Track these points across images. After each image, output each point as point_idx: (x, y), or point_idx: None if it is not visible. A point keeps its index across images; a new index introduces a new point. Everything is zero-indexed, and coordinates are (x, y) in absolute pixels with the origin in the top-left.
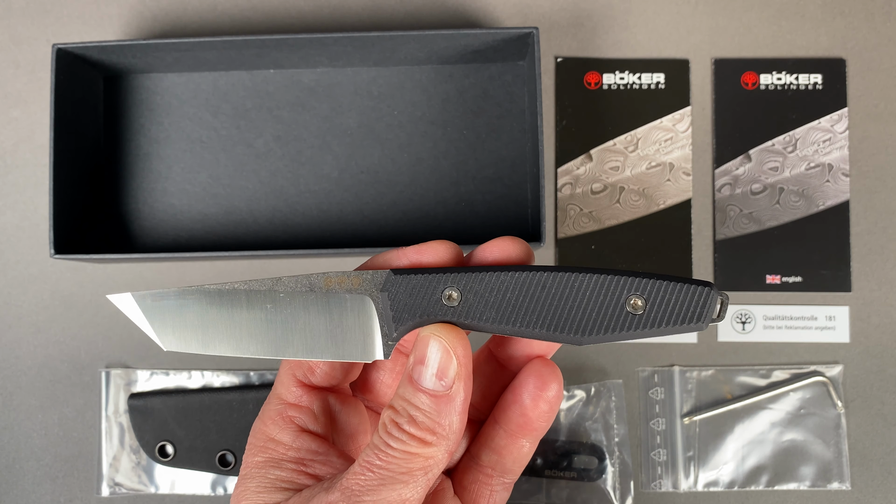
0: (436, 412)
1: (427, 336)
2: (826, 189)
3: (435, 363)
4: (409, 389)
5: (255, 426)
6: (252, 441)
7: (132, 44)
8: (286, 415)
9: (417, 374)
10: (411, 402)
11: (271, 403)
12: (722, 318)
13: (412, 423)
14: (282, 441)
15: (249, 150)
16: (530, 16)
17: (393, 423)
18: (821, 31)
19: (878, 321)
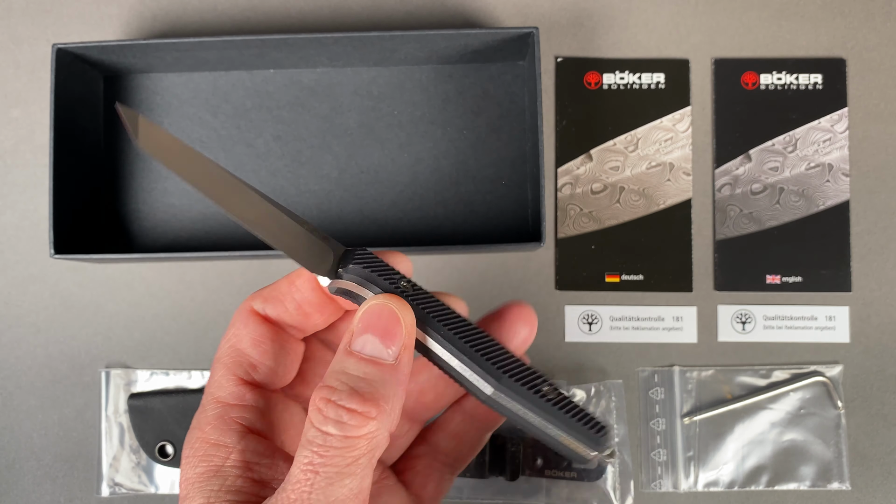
0: (380, 381)
1: (377, 303)
2: (826, 189)
3: (383, 329)
4: (349, 361)
5: (191, 436)
6: (188, 453)
7: (132, 44)
8: (227, 417)
9: (361, 343)
10: (351, 374)
11: (207, 410)
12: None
13: (353, 394)
14: (225, 444)
15: (249, 150)
16: (530, 16)
17: (329, 403)
18: (821, 30)
19: (879, 321)
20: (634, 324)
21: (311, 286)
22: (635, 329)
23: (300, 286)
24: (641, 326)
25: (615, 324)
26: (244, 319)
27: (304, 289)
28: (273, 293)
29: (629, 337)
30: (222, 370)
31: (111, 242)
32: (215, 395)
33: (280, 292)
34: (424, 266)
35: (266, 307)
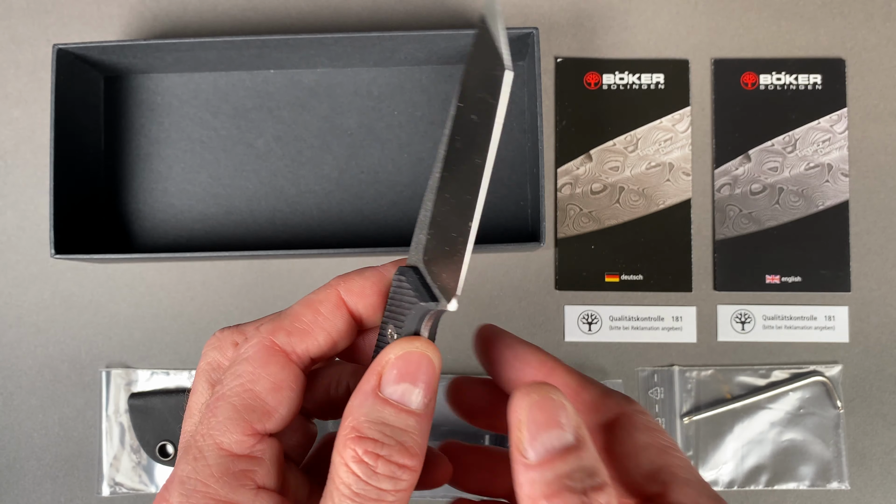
0: (419, 433)
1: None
2: (825, 189)
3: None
4: (388, 411)
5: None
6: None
7: (132, 44)
8: (235, 470)
9: (399, 392)
10: (394, 426)
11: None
12: None
13: (402, 450)
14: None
15: (249, 150)
16: (530, 16)
17: (377, 458)
18: (820, 31)
19: (878, 321)
20: (634, 324)
21: (342, 313)
22: (635, 329)
23: (328, 314)
24: (641, 326)
25: (615, 324)
26: (264, 357)
27: (335, 317)
28: (298, 325)
29: (629, 337)
30: (229, 412)
31: (111, 242)
32: (218, 441)
33: (306, 324)
34: None
35: (293, 343)
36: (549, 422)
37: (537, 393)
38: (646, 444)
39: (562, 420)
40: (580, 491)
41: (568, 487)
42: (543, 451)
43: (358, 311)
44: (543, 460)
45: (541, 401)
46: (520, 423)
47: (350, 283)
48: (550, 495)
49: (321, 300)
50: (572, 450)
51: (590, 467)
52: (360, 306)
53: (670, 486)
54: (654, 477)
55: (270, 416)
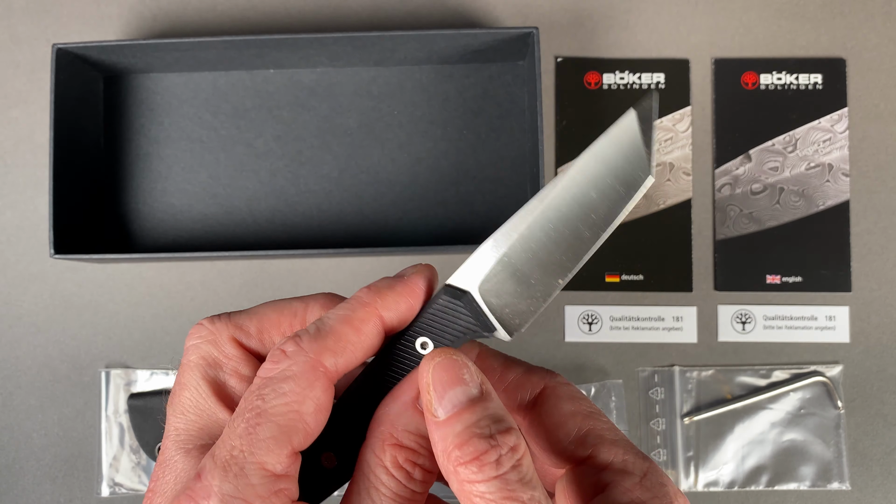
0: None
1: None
2: (826, 189)
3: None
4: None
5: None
6: None
7: (132, 44)
8: (278, 489)
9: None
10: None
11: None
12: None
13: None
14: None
15: (249, 149)
16: (530, 16)
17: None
18: (821, 31)
19: (878, 321)
20: (634, 324)
21: (380, 331)
22: (635, 329)
23: (370, 333)
24: (641, 326)
25: (615, 324)
26: (310, 378)
27: (374, 336)
28: (343, 346)
29: (629, 337)
30: (275, 431)
31: (111, 242)
32: (262, 461)
33: (352, 345)
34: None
35: (338, 364)
36: (453, 379)
37: (440, 356)
38: (571, 412)
39: (465, 377)
40: (488, 436)
41: (476, 434)
42: (451, 406)
43: (391, 325)
44: (452, 415)
45: (444, 362)
46: (427, 386)
47: (386, 300)
48: (461, 444)
49: (363, 319)
50: (477, 401)
51: (495, 414)
52: (394, 322)
53: (598, 447)
54: (583, 441)
55: (310, 437)
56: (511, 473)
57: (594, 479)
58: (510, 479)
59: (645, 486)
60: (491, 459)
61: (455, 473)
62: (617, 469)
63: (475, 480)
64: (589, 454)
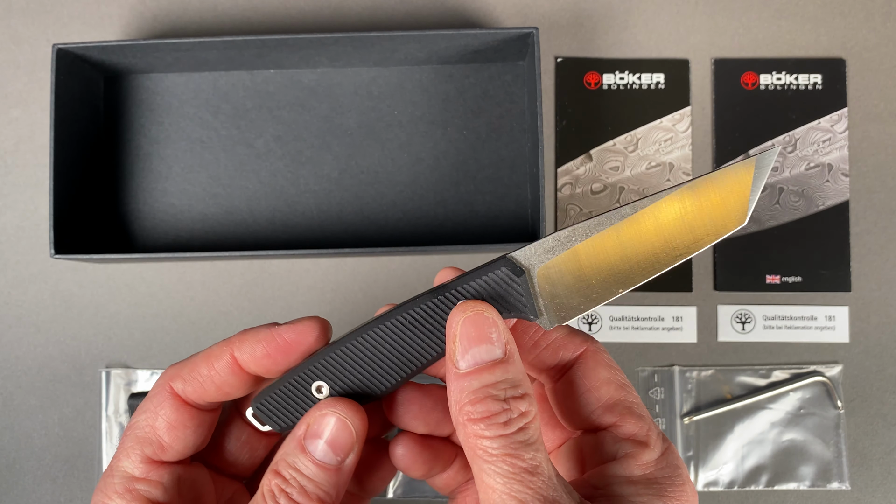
0: (325, 483)
1: (328, 413)
2: (826, 189)
3: (332, 439)
4: (300, 459)
5: (97, 500)
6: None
7: (132, 44)
8: (132, 488)
9: (312, 446)
10: (302, 472)
11: (114, 477)
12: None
13: (302, 493)
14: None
15: (249, 150)
16: (530, 16)
17: (281, 492)
18: (820, 31)
19: (878, 321)
20: (634, 324)
21: (233, 371)
22: (635, 329)
23: (219, 369)
24: (641, 326)
25: (615, 324)
26: (161, 399)
27: (223, 371)
28: (192, 373)
29: (629, 337)
30: (132, 443)
31: (111, 242)
32: (122, 466)
33: (199, 373)
34: (424, 266)
35: (186, 388)
36: (480, 336)
37: (472, 309)
38: (607, 379)
39: (492, 335)
40: (502, 399)
41: (492, 396)
42: (473, 362)
43: (248, 367)
44: (472, 371)
45: (474, 317)
46: (454, 336)
47: (242, 342)
48: (475, 402)
49: (216, 356)
50: (499, 363)
51: (514, 379)
52: (249, 362)
53: (625, 418)
54: (612, 409)
55: (165, 450)
56: (517, 435)
57: (613, 447)
58: (515, 439)
59: (661, 464)
60: (500, 420)
61: (463, 426)
62: (639, 441)
63: (482, 436)
64: (614, 422)
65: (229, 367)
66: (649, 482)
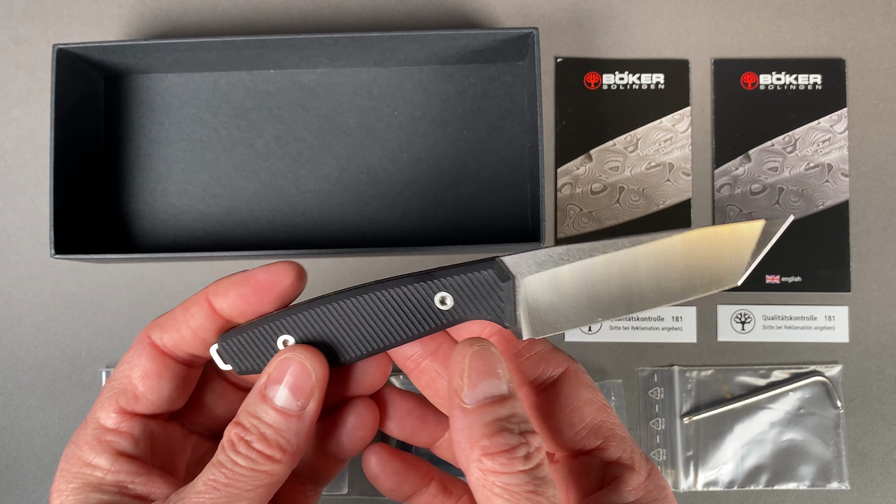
0: (286, 430)
1: (289, 357)
2: (825, 189)
3: (292, 383)
4: (261, 406)
5: (69, 451)
6: (64, 467)
7: (133, 44)
8: (104, 439)
9: (272, 392)
10: (262, 420)
11: (87, 427)
12: None
13: (262, 439)
14: (99, 465)
15: (250, 150)
16: (530, 16)
17: (241, 440)
18: (820, 31)
19: (878, 321)
20: (634, 324)
21: (205, 311)
22: (635, 329)
23: (194, 313)
24: (641, 326)
25: (615, 324)
26: (139, 349)
27: (199, 315)
28: (169, 321)
29: (629, 337)
30: (108, 394)
31: (111, 242)
32: (96, 416)
33: (176, 320)
34: (424, 266)
35: (164, 336)
36: (488, 371)
37: (479, 345)
38: (589, 400)
39: (499, 371)
40: (518, 433)
41: (507, 429)
42: (482, 396)
43: (223, 310)
44: (481, 406)
45: (482, 352)
46: (462, 371)
47: (217, 286)
48: (491, 435)
49: (193, 301)
50: (507, 398)
51: (522, 415)
52: (224, 305)
53: (609, 441)
54: (595, 432)
55: (139, 400)
56: (537, 470)
57: (600, 472)
58: (536, 475)
59: (649, 486)
60: (520, 455)
61: (478, 461)
62: (625, 465)
63: (501, 472)
64: (598, 445)
65: (204, 311)
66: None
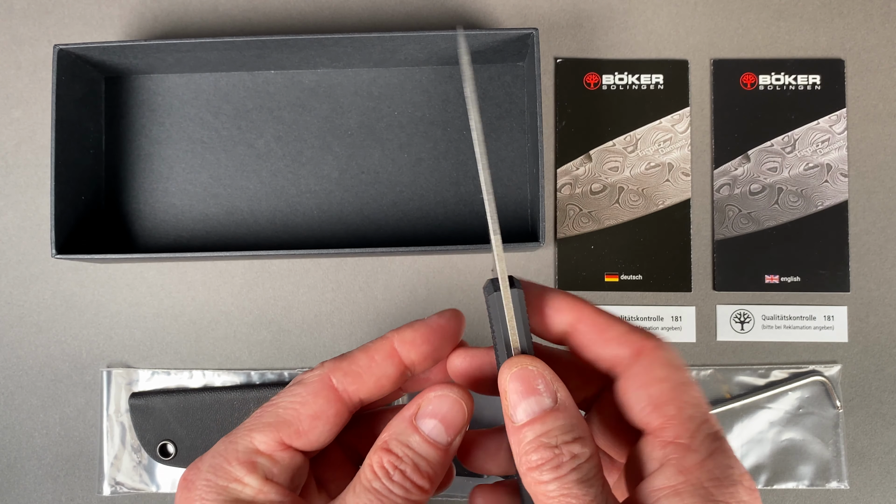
0: (435, 462)
1: (446, 395)
2: (825, 189)
3: (447, 419)
4: (413, 437)
5: (215, 463)
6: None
7: (133, 44)
8: (255, 461)
9: (427, 425)
10: (414, 450)
11: (238, 444)
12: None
13: (416, 470)
14: (249, 484)
15: (250, 150)
16: (530, 16)
17: (395, 469)
18: (819, 31)
19: (877, 321)
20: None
21: (392, 362)
22: None
23: (380, 361)
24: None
25: None
26: (317, 389)
27: (386, 364)
28: (353, 368)
29: None
30: (270, 419)
31: (112, 242)
32: (251, 438)
33: (361, 367)
34: (425, 266)
35: (346, 383)
36: (528, 389)
37: (517, 365)
38: (661, 378)
39: (539, 387)
40: (554, 445)
41: (544, 444)
42: (524, 414)
43: (409, 360)
44: (526, 422)
45: (520, 372)
46: (505, 393)
47: (402, 333)
48: (530, 451)
49: (377, 348)
50: (550, 412)
51: (565, 425)
52: (411, 355)
53: (671, 420)
54: (660, 410)
55: (300, 436)
56: (570, 475)
57: (656, 454)
58: (569, 479)
59: (707, 466)
60: (553, 465)
61: (525, 475)
62: (681, 444)
63: (540, 482)
64: (659, 424)
65: (388, 356)
66: (694, 488)
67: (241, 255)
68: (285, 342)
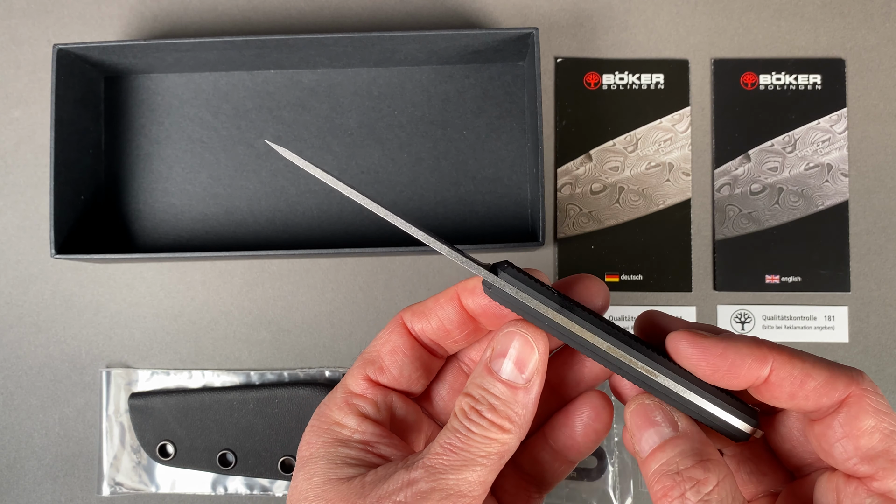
0: (513, 402)
1: (512, 331)
2: (825, 189)
3: (516, 356)
4: (487, 379)
5: (320, 411)
6: (315, 423)
7: (133, 44)
8: (351, 402)
9: (497, 366)
10: (490, 391)
11: (337, 392)
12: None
13: (492, 410)
14: (347, 424)
15: (250, 150)
16: (530, 16)
17: (473, 410)
18: (820, 31)
19: (877, 321)
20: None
21: (454, 305)
22: None
23: (443, 304)
24: None
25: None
26: (392, 328)
27: (447, 307)
28: (421, 309)
29: None
30: (359, 363)
31: (112, 242)
32: (346, 382)
33: (427, 308)
34: (425, 266)
35: (413, 320)
36: (645, 423)
37: (633, 403)
38: (871, 429)
39: (657, 419)
40: (675, 472)
41: (665, 472)
42: (647, 447)
43: (470, 307)
44: (648, 455)
45: (637, 408)
46: (628, 430)
47: (466, 282)
48: (654, 482)
49: (443, 293)
50: (670, 440)
51: (685, 451)
52: (470, 303)
53: (885, 472)
54: (872, 460)
55: (384, 372)
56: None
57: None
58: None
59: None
60: (676, 494)
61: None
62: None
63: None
64: (872, 474)
65: (450, 299)
66: None
67: (241, 255)
68: (285, 342)
